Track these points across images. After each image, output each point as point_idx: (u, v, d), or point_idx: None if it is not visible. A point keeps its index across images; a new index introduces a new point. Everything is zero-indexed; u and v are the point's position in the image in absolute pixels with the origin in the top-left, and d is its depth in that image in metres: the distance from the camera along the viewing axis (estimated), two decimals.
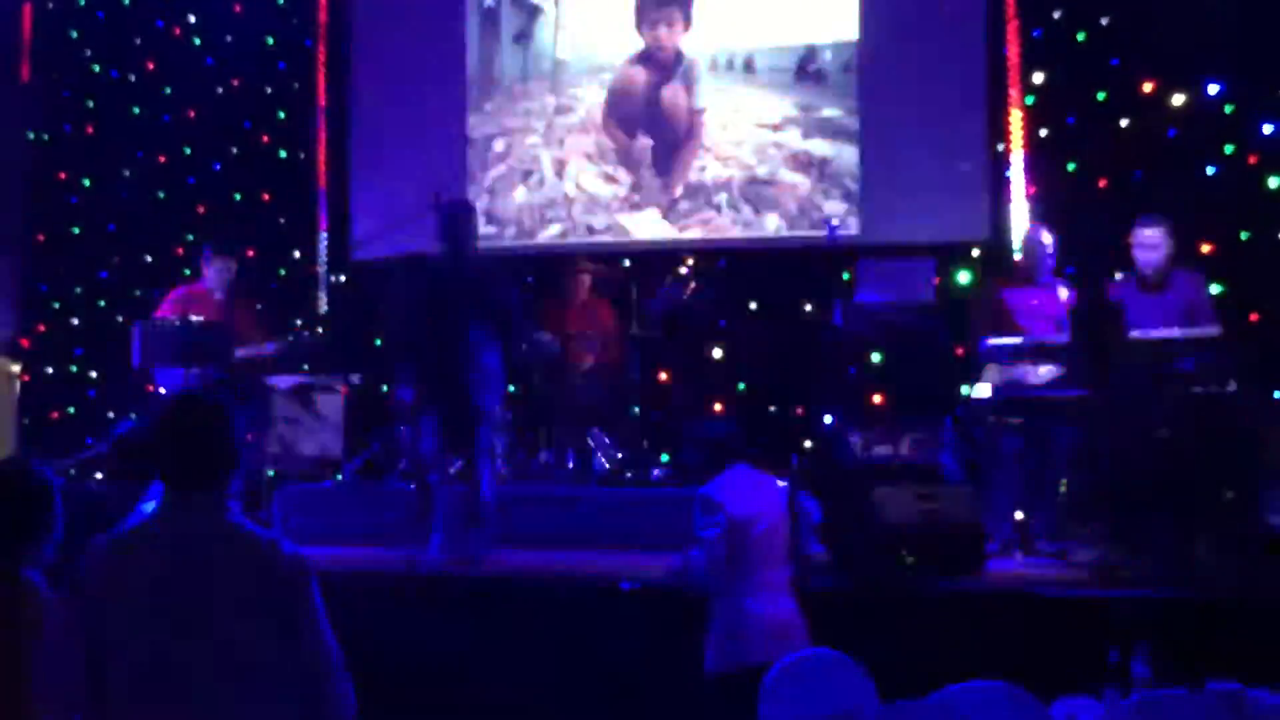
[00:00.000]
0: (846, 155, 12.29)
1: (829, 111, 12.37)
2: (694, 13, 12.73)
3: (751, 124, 12.53)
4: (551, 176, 13.02)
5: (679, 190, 12.68)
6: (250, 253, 12.96)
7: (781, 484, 7.17)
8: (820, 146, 12.38)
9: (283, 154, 13.44)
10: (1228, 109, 11.04)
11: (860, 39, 12.31)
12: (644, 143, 12.78)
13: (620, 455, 11.06)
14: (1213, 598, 7.49)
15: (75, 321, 13.48)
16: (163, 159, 13.48)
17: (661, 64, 12.80)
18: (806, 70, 12.45)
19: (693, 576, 6.74)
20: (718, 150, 12.61)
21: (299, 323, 11.66)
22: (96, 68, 13.71)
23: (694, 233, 12.59)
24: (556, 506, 10.29)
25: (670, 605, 7.55)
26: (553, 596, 8.29)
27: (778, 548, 6.82)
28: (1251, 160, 10.97)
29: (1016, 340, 9.31)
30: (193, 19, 13.51)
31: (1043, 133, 11.69)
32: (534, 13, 13.16)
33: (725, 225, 12.54)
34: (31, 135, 13.73)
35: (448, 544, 9.13)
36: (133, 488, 10.61)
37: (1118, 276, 9.71)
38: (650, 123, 12.80)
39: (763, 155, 12.49)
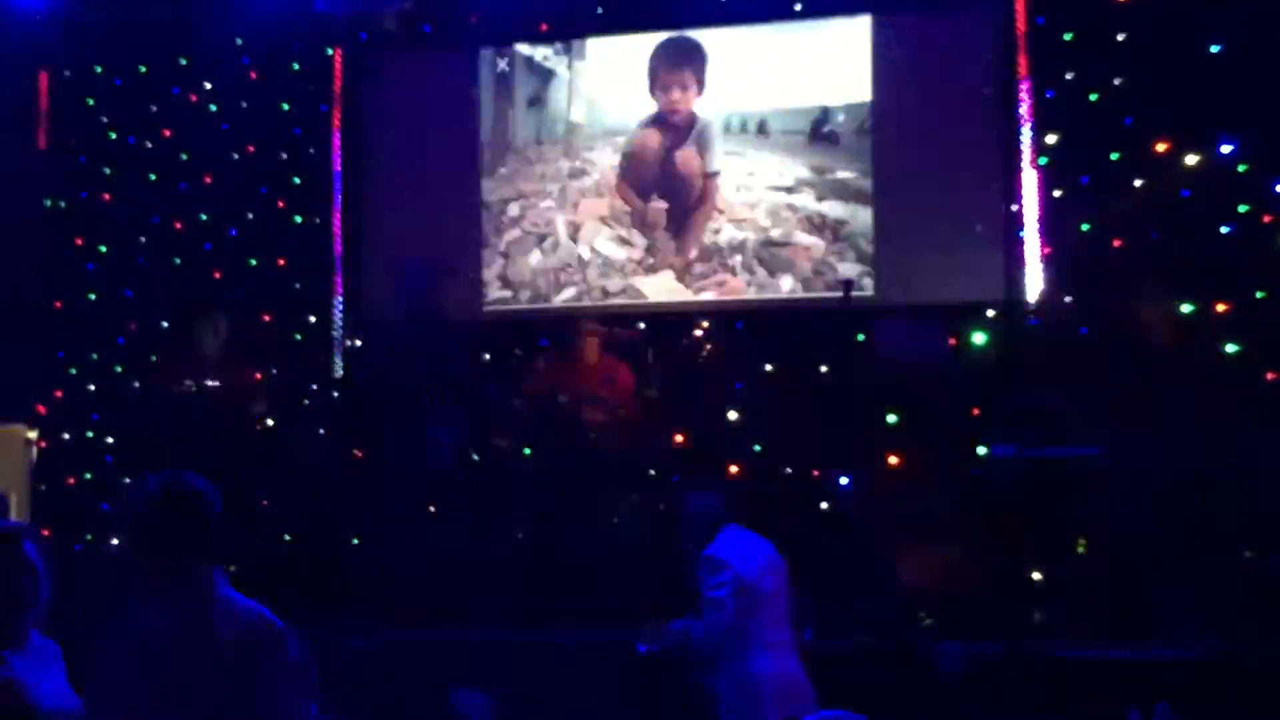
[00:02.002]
0: (861, 217, 12.30)
1: (843, 173, 12.39)
2: (707, 76, 12.77)
3: (765, 186, 12.55)
4: (566, 240, 13.03)
5: (693, 253, 12.69)
6: (266, 317, 13.02)
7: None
8: (834, 208, 12.38)
9: (298, 219, 13.45)
10: (1242, 168, 11.04)
11: (873, 101, 12.34)
12: (658, 206, 12.80)
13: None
14: (1233, 657, 7.45)
15: (91, 388, 13.46)
16: (179, 225, 13.49)
17: (675, 127, 12.83)
18: (820, 132, 12.47)
19: (706, 638, 6.70)
20: (732, 213, 12.62)
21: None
22: (113, 135, 13.73)
23: (709, 295, 12.58)
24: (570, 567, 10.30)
25: (683, 668, 7.51)
26: (567, 661, 8.25)
27: (782, 607, 6.81)
28: (1266, 219, 10.95)
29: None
30: (208, 86, 13.54)
31: (1056, 193, 11.69)
32: (548, 77, 13.20)
33: (740, 287, 12.54)
34: (48, 202, 13.74)
35: None
36: None
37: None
38: (664, 186, 12.82)
39: (777, 217, 12.50)
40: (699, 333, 11.85)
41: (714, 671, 6.74)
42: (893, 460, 11.39)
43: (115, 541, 11.84)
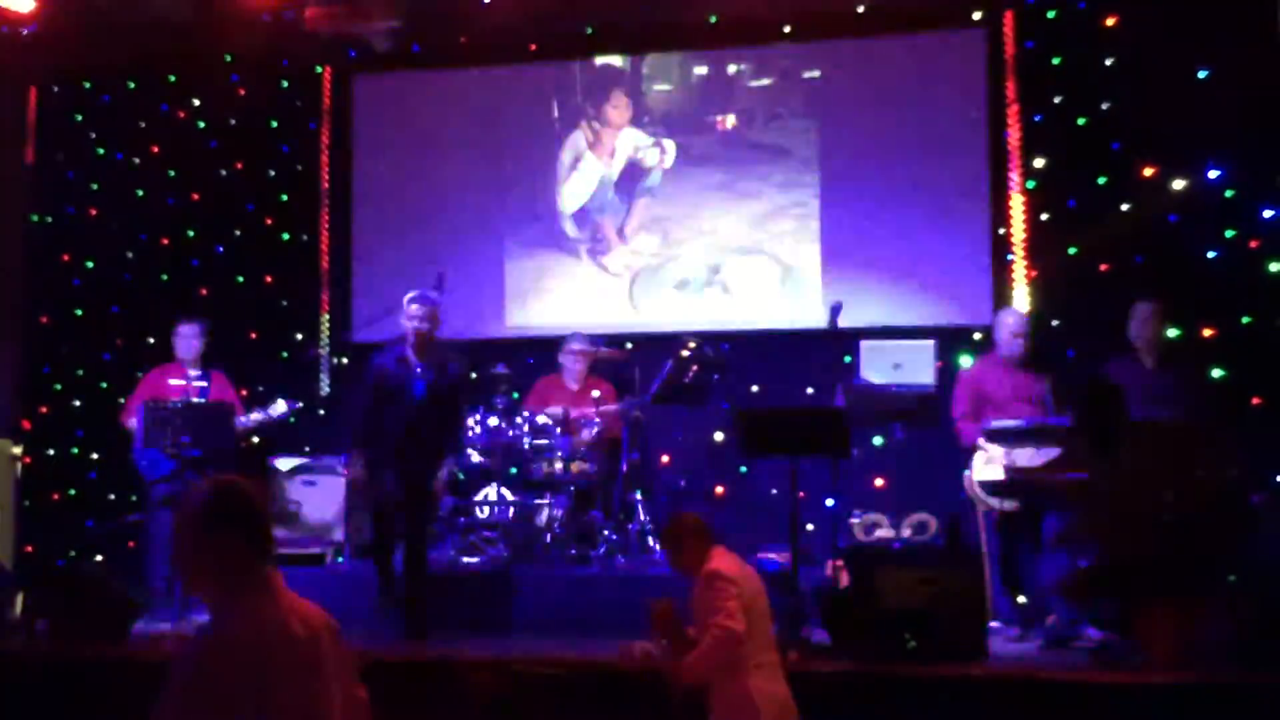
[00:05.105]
0: (848, 238, 12.32)
1: (831, 194, 12.42)
2: (698, 95, 12.87)
3: (753, 205, 12.58)
4: None
5: (688, 271, 12.73)
6: (253, 334, 13.01)
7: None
8: (822, 229, 12.41)
9: (285, 236, 13.46)
10: (1228, 193, 11.08)
11: (862, 123, 12.38)
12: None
13: (619, 537, 11.02)
14: (1216, 682, 7.44)
15: (77, 403, 13.43)
16: (165, 241, 13.49)
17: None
18: (808, 153, 12.50)
19: (716, 647, 6.65)
20: (720, 232, 12.64)
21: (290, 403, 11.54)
22: (101, 150, 13.71)
23: (697, 315, 12.60)
24: (557, 588, 10.27)
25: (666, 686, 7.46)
26: (552, 679, 8.21)
27: (770, 629, 6.79)
28: (1252, 245, 10.99)
29: (1018, 423, 9.33)
30: (196, 102, 13.55)
31: (1044, 216, 11.73)
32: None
33: (728, 307, 12.56)
34: (35, 217, 13.71)
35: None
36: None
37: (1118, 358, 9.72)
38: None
39: (765, 237, 12.52)
40: (686, 353, 11.82)
41: (709, 689, 6.70)
42: (879, 483, 11.40)
43: (99, 558, 11.82)
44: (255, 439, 11.73)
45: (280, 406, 11.04)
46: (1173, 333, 10.32)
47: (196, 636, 4.29)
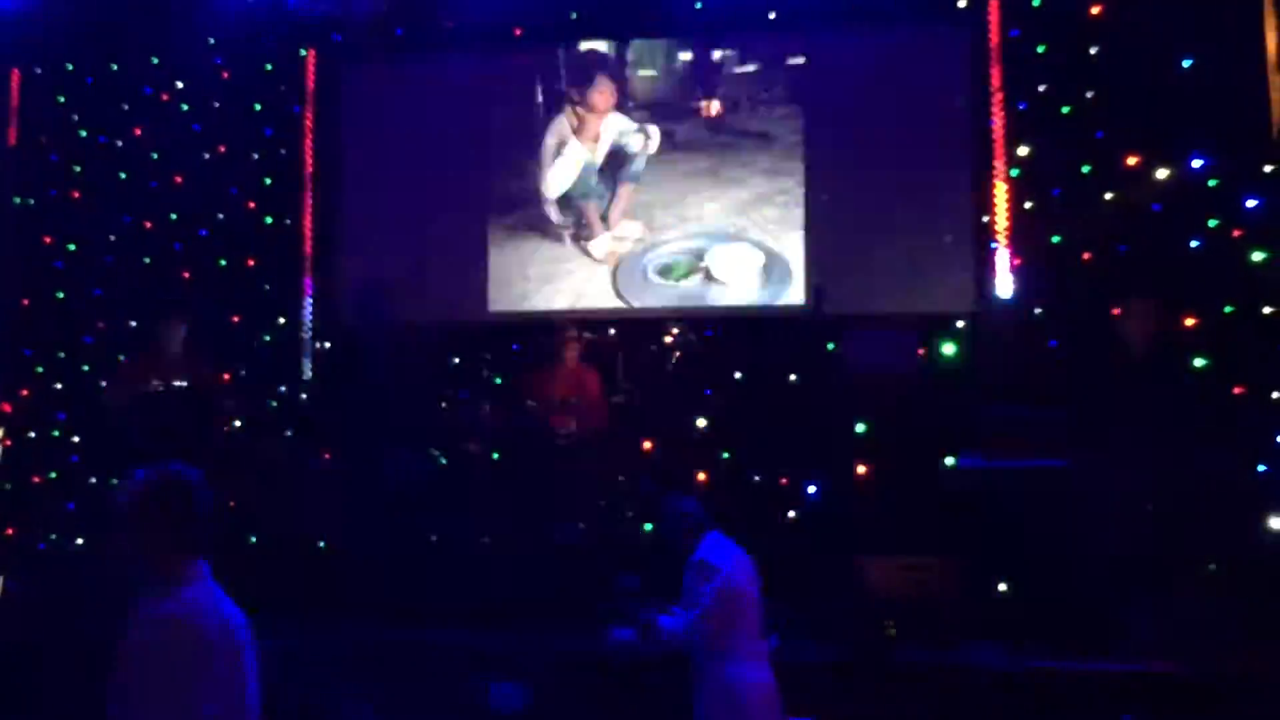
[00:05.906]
0: (832, 226, 12.31)
1: (816, 182, 12.41)
2: (687, 81, 12.86)
3: (737, 193, 12.56)
4: None
5: (669, 255, 12.71)
6: (235, 318, 12.98)
7: None
8: (806, 217, 12.40)
9: (269, 220, 13.41)
10: (1211, 183, 11.07)
11: (847, 111, 12.36)
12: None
13: (603, 524, 11.02)
14: (1199, 671, 7.47)
15: (58, 386, 13.39)
16: (148, 224, 13.43)
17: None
18: (794, 141, 12.49)
19: (684, 637, 6.66)
20: (702, 217, 12.63)
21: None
22: (84, 133, 13.66)
23: (681, 300, 12.58)
24: (540, 573, 10.28)
25: (654, 673, 7.49)
26: (537, 665, 8.23)
27: (760, 616, 6.80)
28: (1235, 234, 10.99)
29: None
30: (180, 85, 13.49)
31: (1027, 205, 11.73)
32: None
33: (712, 293, 12.55)
34: (17, 199, 13.67)
35: None
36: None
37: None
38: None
39: (749, 224, 12.51)
40: (669, 339, 11.83)
41: (695, 677, 6.72)
42: (861, 469, 11.40)
43: (80, 540, 11.80)
44: (237, 423, 11.74)
45: None
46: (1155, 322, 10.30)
47: (141, 619, 4.36)
